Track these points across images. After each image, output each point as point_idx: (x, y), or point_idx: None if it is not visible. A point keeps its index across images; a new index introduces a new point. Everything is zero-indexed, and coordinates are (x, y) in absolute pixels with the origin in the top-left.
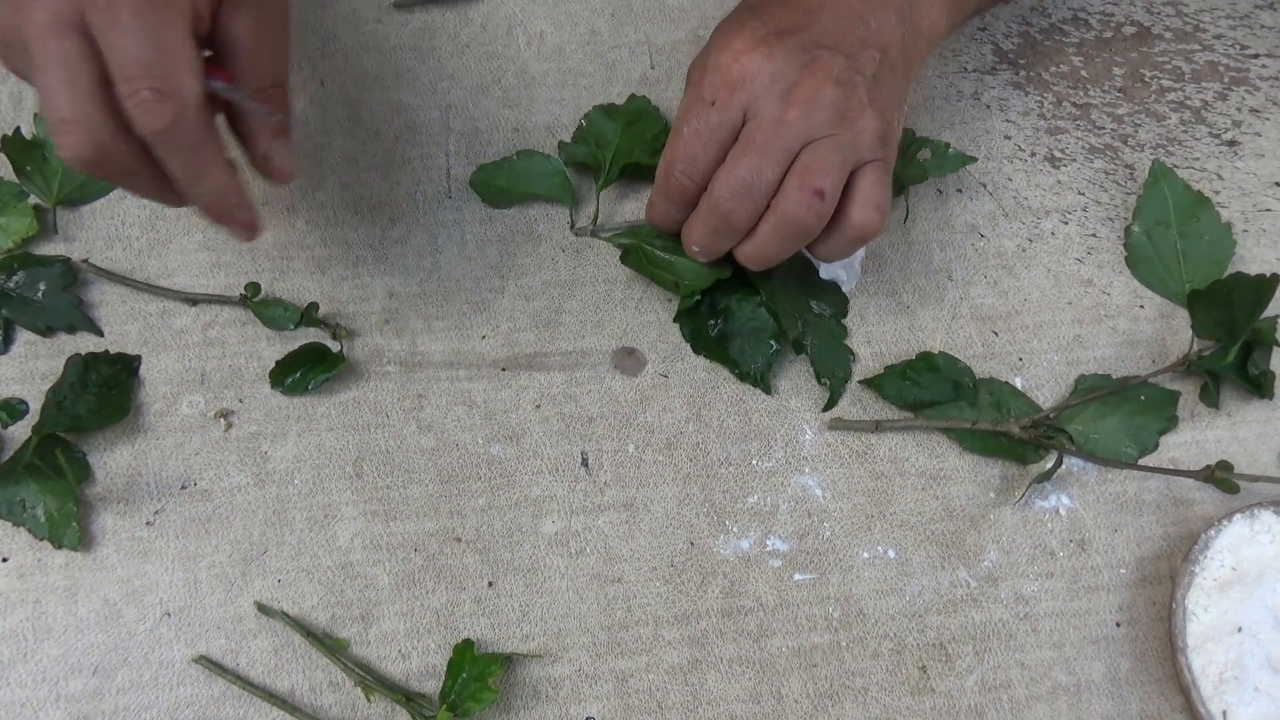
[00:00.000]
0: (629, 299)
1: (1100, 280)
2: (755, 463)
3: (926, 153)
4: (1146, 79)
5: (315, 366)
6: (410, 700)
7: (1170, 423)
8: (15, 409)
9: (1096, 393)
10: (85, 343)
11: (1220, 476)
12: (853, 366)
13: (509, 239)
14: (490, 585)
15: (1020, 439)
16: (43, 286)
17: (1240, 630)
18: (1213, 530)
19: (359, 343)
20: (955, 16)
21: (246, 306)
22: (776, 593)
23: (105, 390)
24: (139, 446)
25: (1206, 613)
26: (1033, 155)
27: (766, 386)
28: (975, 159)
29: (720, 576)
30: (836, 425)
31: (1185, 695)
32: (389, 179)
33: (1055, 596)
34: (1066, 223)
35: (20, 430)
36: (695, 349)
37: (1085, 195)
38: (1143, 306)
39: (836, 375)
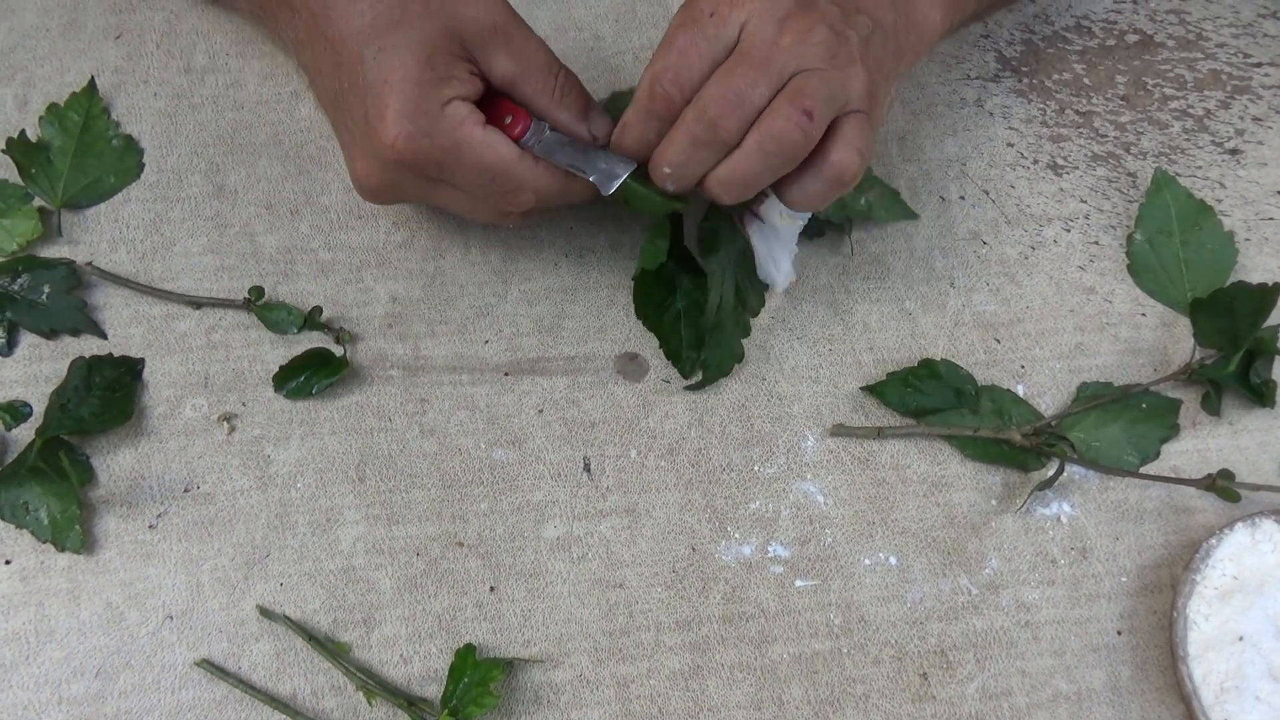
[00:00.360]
0: (632, 304)
1: (1102, 288)
2: (757, 469)
3: (873, 195)
4: (1149, 87)
5: (319, 370)
6: (412, 705)
7: (1172, 431)
8: (19, 411)
9: (1098, 400)
10: (89, 345)
11: (1222, 485)
12: (736, 367)
13: (512, 244)
14: (492, 590)
15: (1022, 446)
16: (47, 289)
17: (1241, 639)
18: (1214, 539)
19: (362, 347)
20: (952, 16)
21: (250, 310)
22: (778, 599)
23: (109, 393)
24: (142, 449)
25: (1208, 621)
26: (1035, 162)
27: (686, 369)
28: (917, 217)
29: (722, 582)
30: (838, 432)
31: (1186, 704)
32: None
33: (1056, 604)
34: (1069, 230)
35: (24, 433)
36: (637, 314)
37: (1088, 203)
38: (1145, 314)
39: (715, 365)
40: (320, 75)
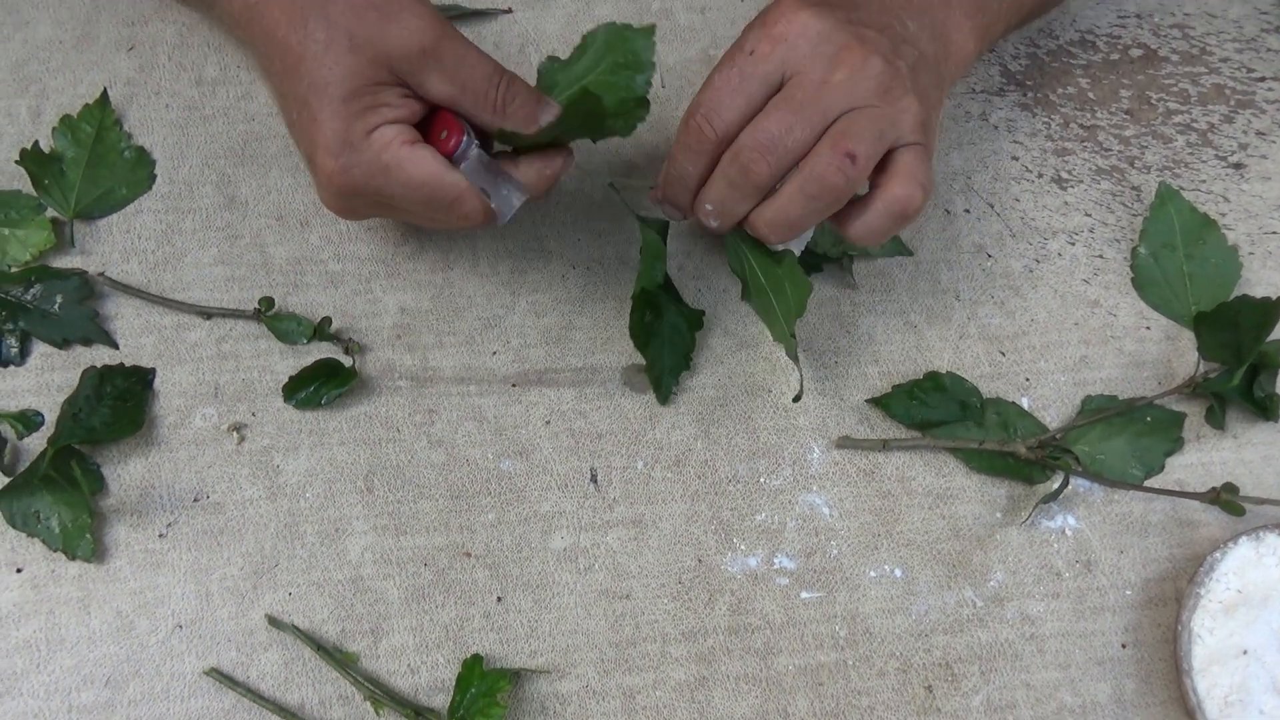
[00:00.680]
0: None
1: (1107, 301)
2: (763, 480)
3: None
4: (1153, 101)
5: (328, 381)
6: (419, 715)
7: (1176, 444)
8: (31, 420)
9: (1103, 414)
10: (101, 355)
11: (1226, 499)
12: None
13: (520, 255)
14: (499, 600)
15: (1027, 459)
16: (59, 299)
17: (1245, 653)
18: (1218, 552)
19: (371, 358)
20: (983, 42)
21: (260, 320)
22: (783, 611)
23: (120, 403)
24: (153, 459)
25: (1212, 635)
26: (1040, 176)
27: (663, 395)
28: (911, 253)
29: (728, 594)
30: (844, 444)
31: (1190, 718)
32: None
33: (1061, 617)
34: (1073, 244)
35: (36, 442)
36: (630, 329)
37: (1092, 216)
38: (1149, 328)
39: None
40: (280, 105)
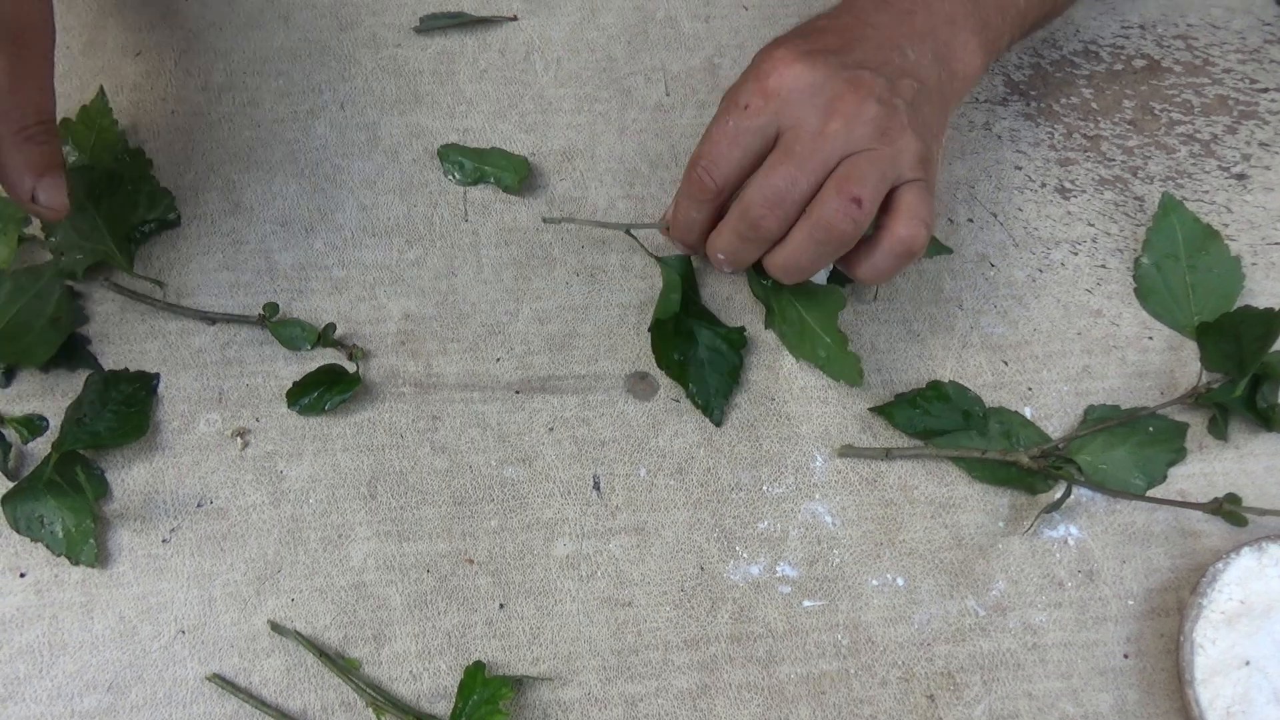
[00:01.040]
0: (642, 324)
1: (1110, 311)
2: (766, 488)
3: None
4: (1156, 112)
5: (332, 387)
6: None
7: (1179, 454)
8: (35, 425)
9: (1105, 423)
10: (105, 359)
11: (1228, 509)
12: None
13: (524, 262)
14: (502, 607)
15: (1029, 469)
16: None
17: (1248, 664)
18: (1221, 563)
19: (375, 364)
20: (989, 58)
21: (264, 326)
22: (786, 619)
23: (124, 408)
24: (156, 464)
25: (1214, 646)
26: (1043, 186)
27: (716, 418)
28: (951, 251)
29: (730, 602)
30: (847, 452)
31: None
32: (406, 201)
33: (1063, 627)
34: (1076, 253)
35: (40, 446)
36: (659, 363)
37: (1095, 226)
38: (1151, 338)
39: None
40: None
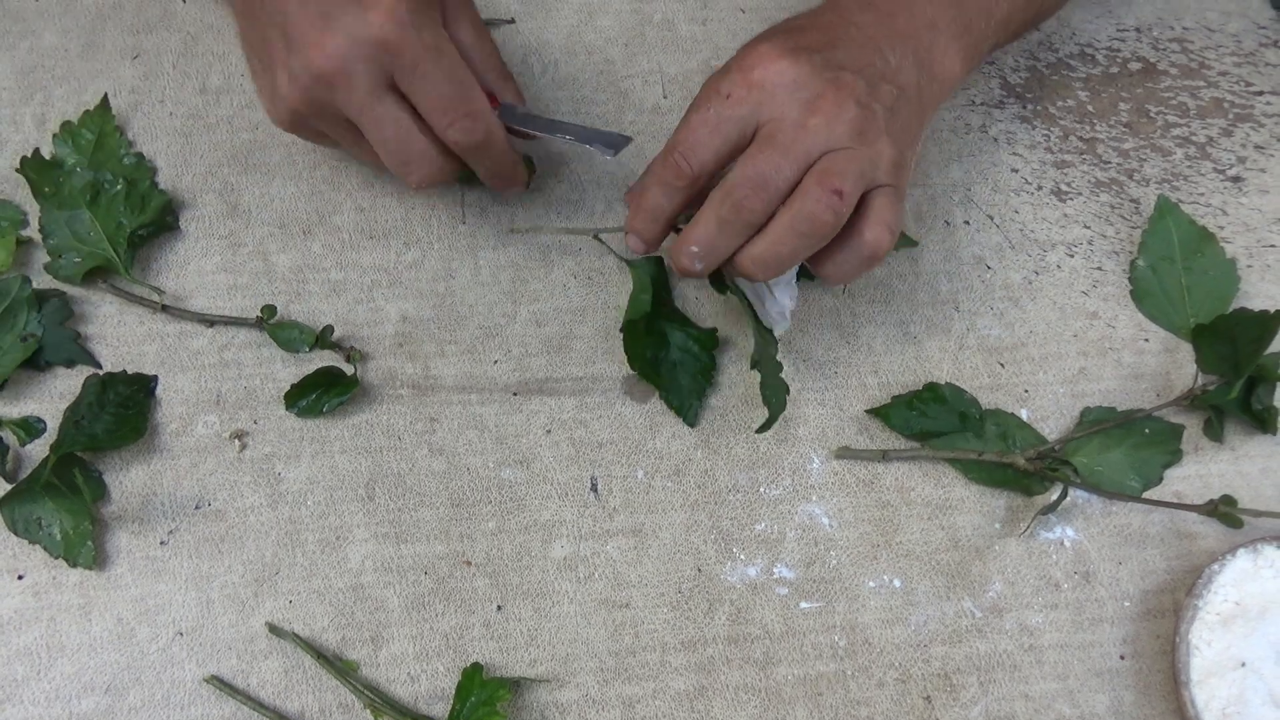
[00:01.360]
0: None
1: (1105, 313)
2: (763, 490)
3: None
4: (1152, 114)
5: (330, 389)
6: None
7: (1174, 456)
8: (33, 427)
9: (1101, 425)
10: (103, 361)
11: (1224, 511)
12: (787, 399)
13: (522, 265)
14: (499, 609)
15: (1025, 470)
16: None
17: (1243, 665)
18: (1216, 565)
19: (372, 366)
20: (970, 63)
21: (262, 329)
22: (783, 620)
23: (122, 410)
24: (154, 466)
25: (1210, 647)
26: (1039, 188)
27: (690, 419)
28: (916, 243)
29: (727, 604)
30: (843, 454)
31: None
32: (404, 204)
33: (1060, 628)
34: (1072, 256)
35: (38, 449)
36: (631, 364)
37: (1091, 229)
38: (1147, 340)
39: (774, 404)
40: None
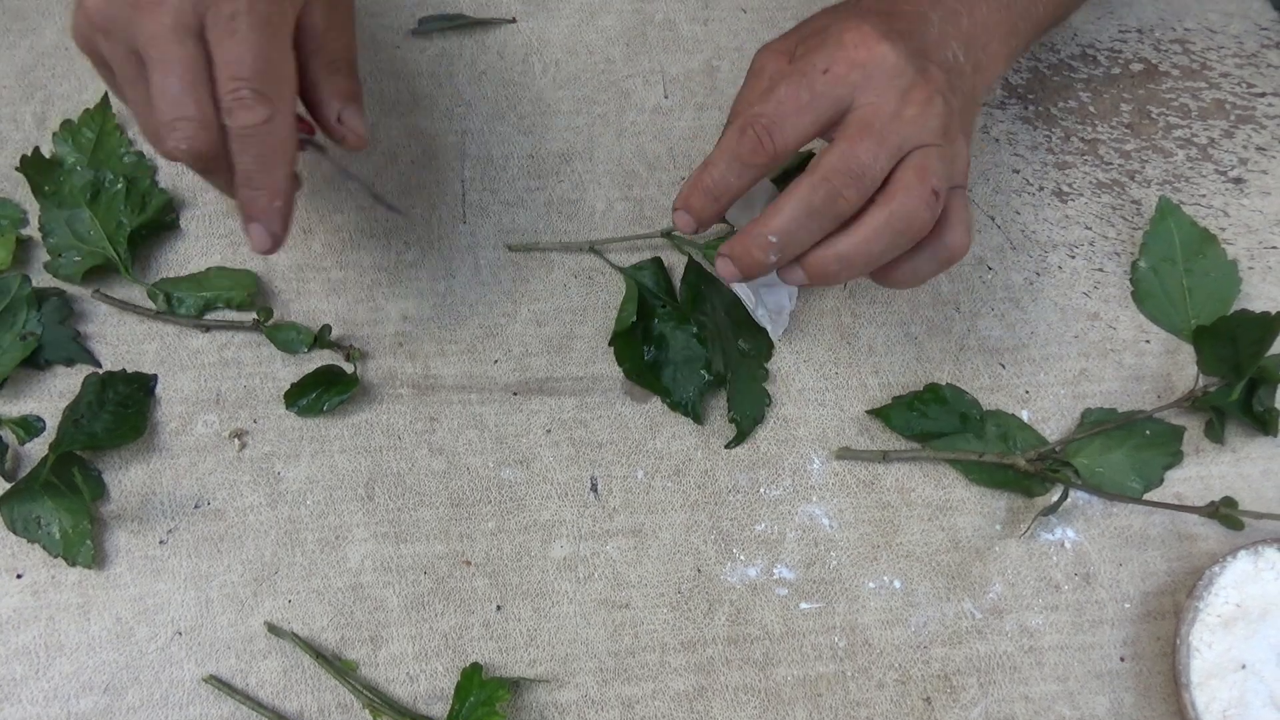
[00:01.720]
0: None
1: (1107, 314)
2: (763, 491)
3: None
4: (1154, 116)
5: (330, 388)
6: None
7: (1175, 458)
8: (32, 426)
9: (1102, 427)
10: (102, 360)
11: (1225, 513)
12: (767, 411)
13: (522, 264)
14: (499, 609)
15: (1026, 472)
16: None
17: (1244, 667)
18: (1217, 566)
19: (372, 365)
20: (1010, 64)
21: (260, 331)
22: (783, 621)
23: (122, 409)
24: (154, 465)
25: (1210, 649)
26: (1040, 189)
27: (697, 416)
28: None
29: (727, 604)
30: (844, 455)
31: None
32: (404, 203)
33: (1060, 630)
34: (1074, 257)
35: (37, 447)
36: (628, 374)
37: (1092, 230)
38: (1149, 341)
39: (748, 415)
40: None
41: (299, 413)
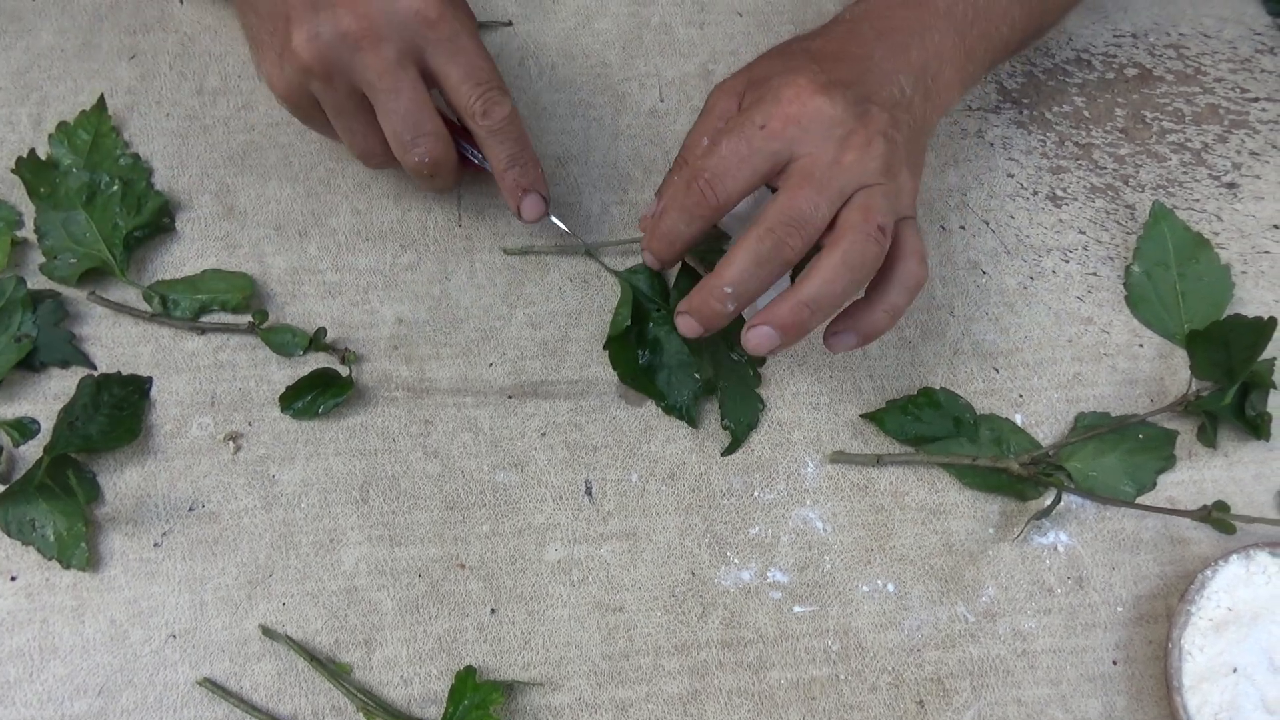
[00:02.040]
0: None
1: (1100, 319)
2: (757, 494)
3: None
4: (1148, 120)
5: (325, 391)
6: None
7: (1168, 462)
8: (27, 428)
9: (1095, 431)
10: (97, 363)
11: (1217, 517)
12: (761, 416)
13: (518, 268)
14: (493, 612)
15: (1020, 475)
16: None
17: (1236, 671)
18: (1209, 570)
19: (368, 368)
20: (967, 88)
21: (255, 333)
22: (776, 624)
23: (116, 411)
24: (149, 468)
25: (1202, 653)
26: (1035, 194)
27: (692, 420)
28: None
29: (721, 607)
30: (838, 459)
31: None
32: (400, 206)
33: (1053, 633)
34: (1067, 261)
35: (32, 450)
36: (622, 378)
37: (1086, 234)
38: (1142, 345)
39: (742, 422)
40: None
41: (294, 415)
